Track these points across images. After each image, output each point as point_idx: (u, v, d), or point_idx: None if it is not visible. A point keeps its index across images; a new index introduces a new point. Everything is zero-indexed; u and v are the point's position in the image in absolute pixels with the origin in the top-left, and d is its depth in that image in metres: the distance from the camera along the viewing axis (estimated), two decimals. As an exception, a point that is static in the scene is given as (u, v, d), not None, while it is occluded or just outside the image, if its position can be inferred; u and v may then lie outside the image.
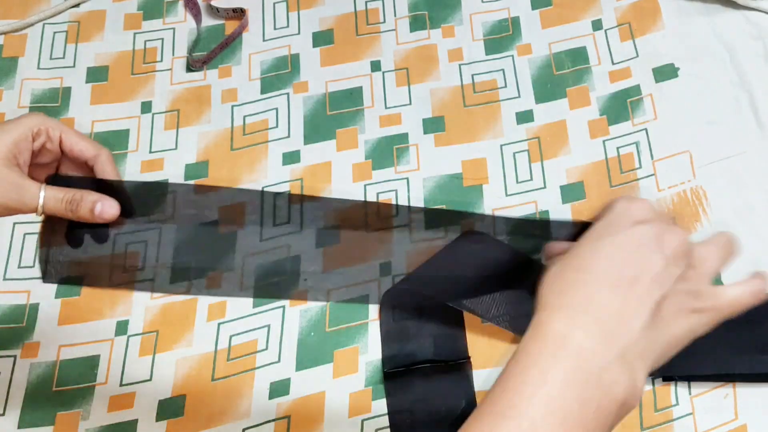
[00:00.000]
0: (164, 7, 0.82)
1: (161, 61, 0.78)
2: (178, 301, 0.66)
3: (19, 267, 0.68)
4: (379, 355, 0.63)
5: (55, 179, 0.51)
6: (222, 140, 0.74)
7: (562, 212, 0.69)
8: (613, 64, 0.76)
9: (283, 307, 0.66)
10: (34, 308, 0.66)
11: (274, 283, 0.66)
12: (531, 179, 0.71)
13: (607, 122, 0.73)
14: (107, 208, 0.50)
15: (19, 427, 0.61)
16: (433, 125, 0.74)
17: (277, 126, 0.74)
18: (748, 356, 0.60)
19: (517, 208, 0.69)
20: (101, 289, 0.66)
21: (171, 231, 0.69)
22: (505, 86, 0.75)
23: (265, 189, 0.71)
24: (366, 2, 0.81)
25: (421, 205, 0.70)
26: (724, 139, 0.71)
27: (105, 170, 0.51)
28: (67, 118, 0.75)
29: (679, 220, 0.68)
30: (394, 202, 0.70)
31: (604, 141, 0.72)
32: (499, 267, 0.66)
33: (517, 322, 0.63)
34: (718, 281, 0.65)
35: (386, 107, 0.75)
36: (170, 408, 0.62)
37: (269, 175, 0.72)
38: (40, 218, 0.50)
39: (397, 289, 0.64)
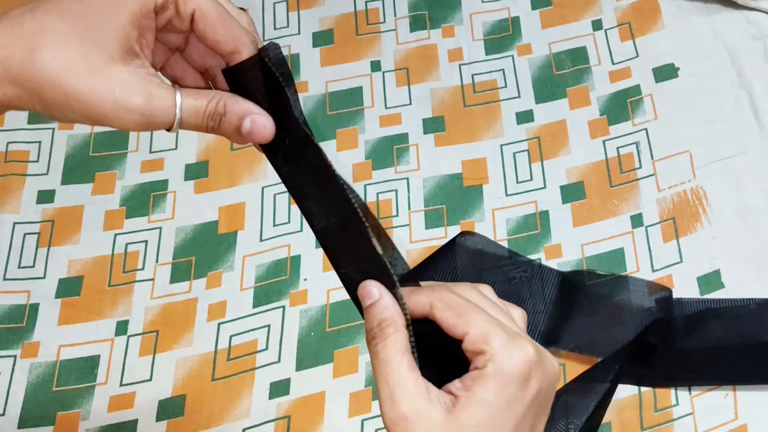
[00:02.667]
0: (164, 7, 0.82)
1: (161, 61, 0.78)
2: (178, 301, 0.66)
3: (19, 267, 0.68)
4: (379, 355, 0.63)
5: None
6: (222, 140, 0.74)
7: (562, 212, 0.69)
8: (613, 64, 0.76)
9: (283, 307, 0.66)
10: (34, 308, 0.66)
11: (274, 283, 0.66)
12: (531, 179, 0.71)
13: (607, 122, 0.73)
14: (259, 126, 0.36)
15: (19, 427, 0.61)
16: (433, 125, 0.74)
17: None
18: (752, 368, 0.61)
19: (517, 208, 0.69)
20: (101, 289, 0.66)
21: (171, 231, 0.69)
22: (505, 86, 0.75)
23: (265, 189, 0.71)
24: (366, 2, 0.81)
25: (421, 205, 0.70)
26: (724, 139, 0.71)
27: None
28: (67, 118, 0.75)
29: (679, 220, 0.68)
30: (394, 202, 0.70)
31: (604, 141, 0.72)
32: (496, 267, 0.66)
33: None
34: (719, 283, 0.65)
35: (386, 107, 0.75)
36: (170, 408, 0.62)
37: (269, 175, 0.72)
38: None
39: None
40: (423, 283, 0.36)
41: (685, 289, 0.65)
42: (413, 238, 0.68)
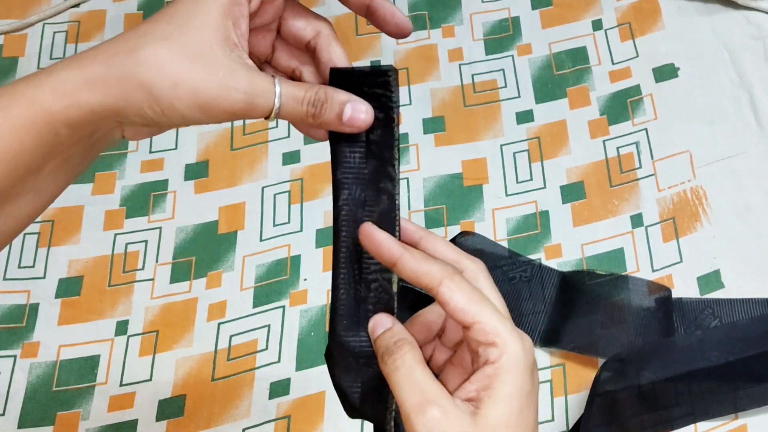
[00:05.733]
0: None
1: (161, 61, 0.78)
2: (178, 301, 0.66)
3: (19, 267, 0.68)
4: (379, 355, 0.63)
5: None
6: (222, 140, 0.74)
7: (562, 212, 0.69)
8: (613, 64, 0.76)
9: (283, 307, 0.66)
10: (34, 308, 0.66)
11: (274, 283, 0.66)
12: (531, 179, 0.71)
13: (607, 122, 0.73)
14: (360, 112, 0.36)
15: (19, 427, 0.61)
16: (433, 125, 0.74)
17: (276, 126, 0.74)
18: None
19: (517, 208, 0.69)
20: (101, 289, 0.66)
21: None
22: (505, 86, 0.75)
23: (265, 189, 0.71)
24: (366, 2, 0.80)
25: (422, 205, 0.70)
26: (724, 139, 0.71)
27: (332, 52, 0.38)
28: (67, 118, 0.75)
29: (679, 220, 0.68)
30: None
31: (604, 141, 0.72)
32: (496, 267, 0.66)
33: (514, 322, 0.63)
34: (719, 283, 0.65)
35: (386, 107, 0.75)
36: (170, 408, 0.62)
37: (269, 175, 0.72)
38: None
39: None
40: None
41: (685, 289, 0.65)
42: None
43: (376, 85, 0.36)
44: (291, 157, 0.72)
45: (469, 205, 0.70)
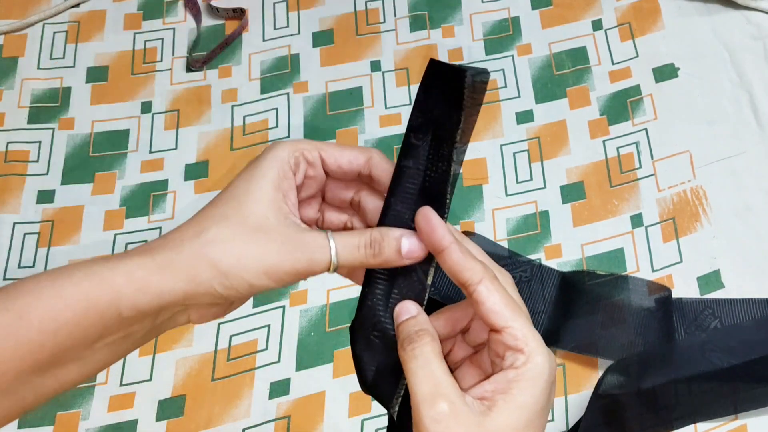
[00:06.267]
0: (164, 7, 0.82)
1: (161, 61, 0.78)
2: (178, 301, 0.66)
3: (19, 267, 0.68)
4: (379, 355, 0.63)
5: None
6: (222, 140, 0.74)
7: (562, 212, 0.69)
8: (613, 64, 0.76)
9: (283, 307, 0.66)
10: (34, 308, 0.66)
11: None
12: (531, 179, 0.71)
13: (607, 122, 0.73)
14: (415, 245, 0.37)
15: (19, 427, 0.61)
16: (433, 125, 0.74)
17: (277, 126, 0.74)
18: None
19: (517, 208, 0.69)
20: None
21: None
22: (505, 86, 0.75)
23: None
24: (366, 2, 0.81)
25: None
26: (724, 139, 0.71)
27: (385, 171, 0.39)
28: (67, 117, 0.75)
29: (679, 220, 0.68)
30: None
31: (604, 141, 0.72)
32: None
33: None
34: (719, 283, 0.65)
35: (386, 107, 0.75)
36: (170, 408, 0.62)
37: (269, 175, 0.72)
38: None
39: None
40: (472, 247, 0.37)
41: (685, 289, 0.65)
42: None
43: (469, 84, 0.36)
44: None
45: (469, 205, 0.70)
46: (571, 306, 0.63)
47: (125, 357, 0.37)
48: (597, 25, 0.78)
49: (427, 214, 0.36)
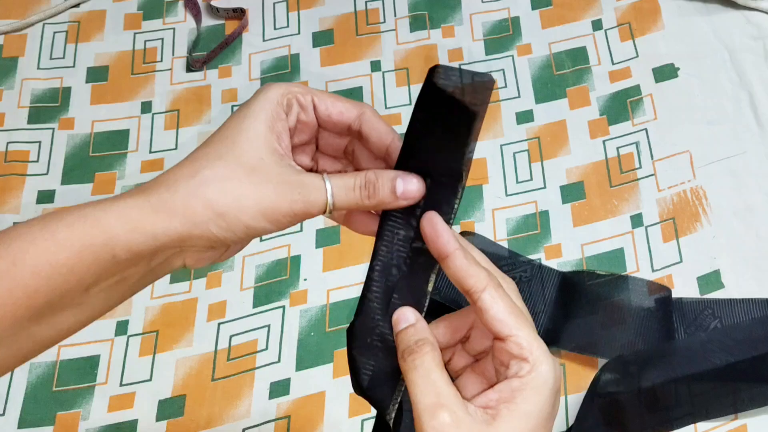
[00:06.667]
0: (164, 7, 0.82)
1: (161, 61, 0.78)
2: (178, 301, 0.66)
3: (19, 267, 0.68)
4: (379, 355, 0.63)
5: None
6: (222, 140, 0.74)
7: (562, 212, 0.69)
8: (613, 64, 0.76)
9: (283, 307, 0.66)
10: (34, 308, 0.66)
11: (274, 283, 0.66)
12: (531, 179, 0.71)
13: (607, 122, 0.73)
14: (410, 184, 0.37)
15: (19, 427, 0.61)
16: (433, 125, 0.74)
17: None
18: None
19: (517, 208, 0.69)
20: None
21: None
22: (505, 86, 0.75)
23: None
24: (366, 2, 0.81)
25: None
26: (724, 139, 0.71)
27: (375, 129, 0.38)
28: (67, 117, 0.75)
29: (679, 220, 0.68)
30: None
31: (604, 141, 0.72)
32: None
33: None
34: (719, 283, 0.65)
35: (386, 107, 0.75)
36: (170, 408, 0.62)
37: (269, 175, 0.72)
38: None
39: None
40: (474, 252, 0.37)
41: (685, 289, 0.65)
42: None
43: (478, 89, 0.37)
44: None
45: (469, 205, 0.70)
46: (571, 306, 0.63)
47: (124, 298, 0.36)
48: (597, 25, 0.78)
49: (432, 219, 0.36)
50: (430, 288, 0.37)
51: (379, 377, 0.37)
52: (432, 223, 0.36)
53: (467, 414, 0.32)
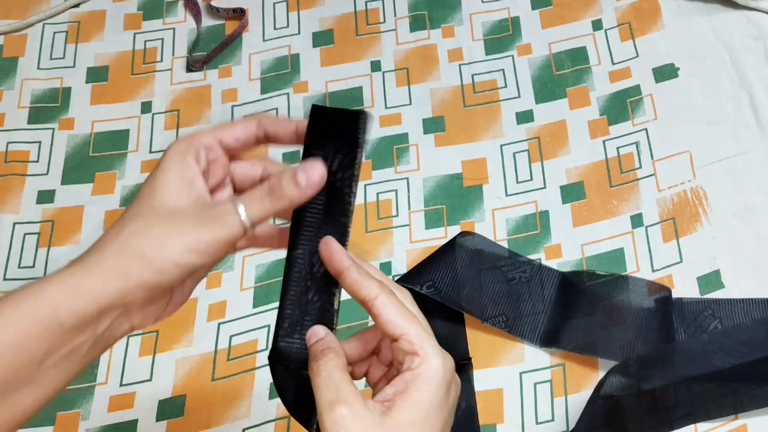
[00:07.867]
0: (164, 7, 0.82)
1: (161, 61, 0.78)
2: (178, 301, 0.66)
3: (19, 267, 0.68)
4: (379, 355, 0.63)
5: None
6: (222, 140, 0.74)
7: (562, 212, 0.69)
8: (613, 64, 0.76)
9: (283, 307, 0.65)
10: (34, 308, 0.66)
11: (274, 283, 0.66)
12: (531, 179, 0.71)
13: (607, 122, 0.73)
14: (310, 171, 0.39)
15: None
16: (433, 125, 0.74)
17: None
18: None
19: (517, 208, 0.69)
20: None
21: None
22: (505, 86, 0.75)
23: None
24: (366, 2, 0.81)
25: (422, 205, 0.70)
26: (724, 139, 0.71)
27: (275, 122, 0.41)
28: (67, 118, 0.75)
29: (679, 220, 0.68)
30: (394, 202, 0.70)
31: (604, 141, 0.72)
32: (496, 267, 0.66)
33: (514, 323, 0.63)
34: (719, 283, 0.65)
35: (386, 107, 0.75)
36: (170, 408, 0.62)
37: (269, 175, 0.72)
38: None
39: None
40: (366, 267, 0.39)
41: (685, 289, 0.65)
42: (413, 238, 0.68)
43: (349, 124, 0.40)
44: (290, 158, 0.72)
45: (468, 206, 0.70)
46: (571, 306, 0.63)
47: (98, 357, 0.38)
48: (597, 25, 0.78)
49: (327, 242, 0.39)
50: (336, 305, 0.40)
51: (302, 394, 0.39)
52: (327, 245, 0.39)
53: (365, 408, 0.34)
